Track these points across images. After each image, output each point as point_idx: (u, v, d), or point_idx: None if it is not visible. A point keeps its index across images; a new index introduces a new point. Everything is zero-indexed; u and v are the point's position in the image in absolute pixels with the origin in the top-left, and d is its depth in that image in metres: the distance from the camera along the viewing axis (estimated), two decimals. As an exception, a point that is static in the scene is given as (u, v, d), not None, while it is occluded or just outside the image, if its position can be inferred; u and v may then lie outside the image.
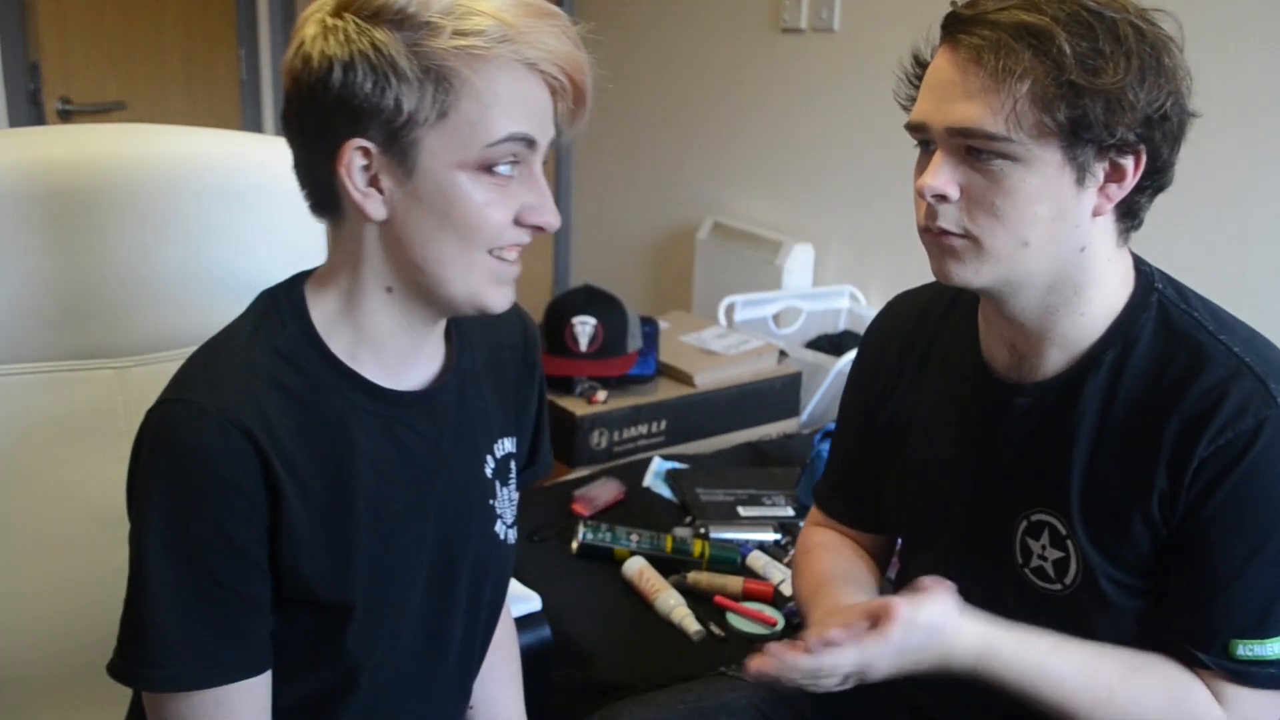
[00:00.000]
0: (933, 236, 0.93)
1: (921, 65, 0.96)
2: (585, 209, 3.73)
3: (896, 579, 1.25)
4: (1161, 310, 0.95)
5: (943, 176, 0.90)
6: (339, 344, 0.88)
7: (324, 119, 0.79)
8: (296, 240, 1.22)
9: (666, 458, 2.14)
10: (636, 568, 1.67)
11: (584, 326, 2.23)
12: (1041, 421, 0.99)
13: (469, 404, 0.97)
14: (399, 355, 0.90)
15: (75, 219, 1.08)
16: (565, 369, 2.24)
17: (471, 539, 0.98)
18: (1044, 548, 0.98)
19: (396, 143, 0.79)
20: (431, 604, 0.95)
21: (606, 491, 1.96)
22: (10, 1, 2.72)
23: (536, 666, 1.28)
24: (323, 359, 0.87)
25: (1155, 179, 0.92)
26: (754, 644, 1.51)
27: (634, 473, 2.07)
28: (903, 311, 1.17)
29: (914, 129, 0.94)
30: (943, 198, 0.90)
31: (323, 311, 0.88)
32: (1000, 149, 0.87)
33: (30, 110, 2.79)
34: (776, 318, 2.74)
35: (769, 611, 1.57)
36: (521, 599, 1.32)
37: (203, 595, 0.81)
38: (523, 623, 1.29)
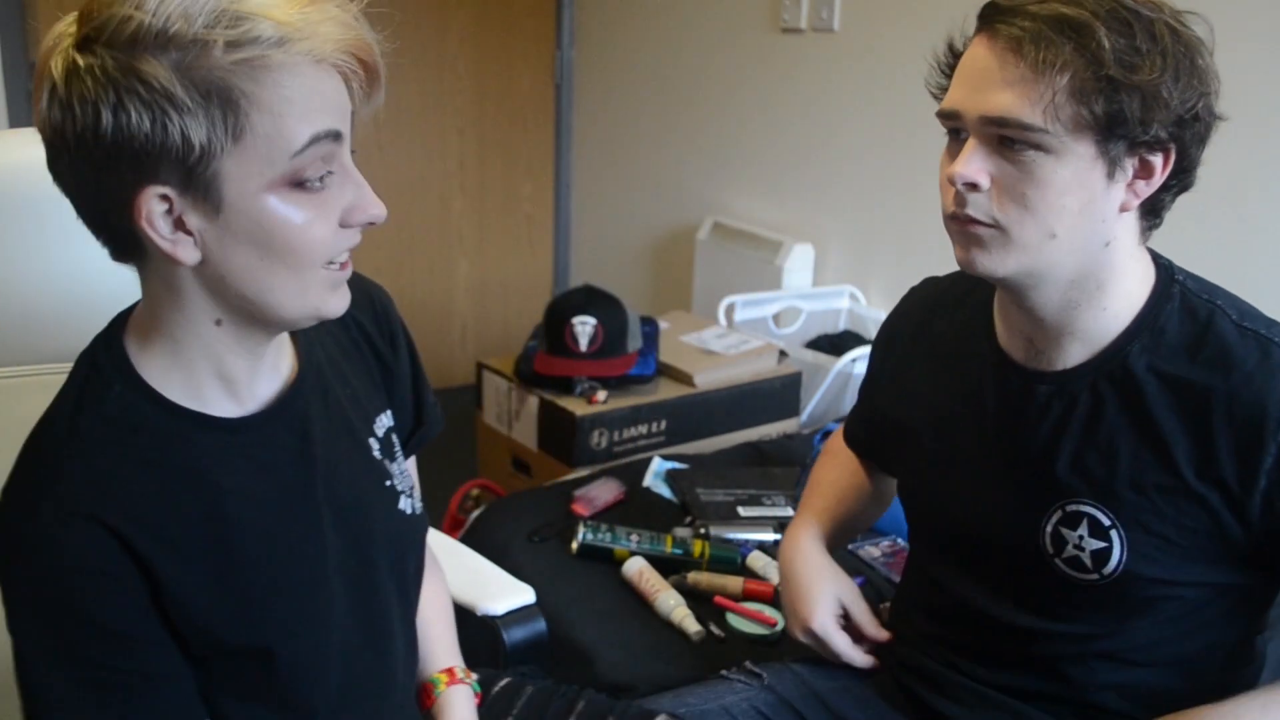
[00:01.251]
0: (959, 224, 0.94)
1: (955, 54, 0.96)
2: (585, 209, 3.73)
3: (907, 566, 1.25)
4: (1184, 300, 0.97)
5: (974, 165, 0.90)
6: (176, 389, 0.81)
7: (104, 170, 0.71)
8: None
9: (666, 458, 2.13)
10: (636, 568, 1.67)
11: (584, 326, 2.23)
12: (1069, 411, 0.99)
13: (332, 395, 0.92)
14: (243, 378, 0.84)
15: (69, 220, 1.07)
16: (565, 369, 2.24)
17: (378, 528, 0.94)
18: (1081, 538, 0.98)
19: (195, 180, 0.71)
20: (361, 605, 0.92)
21: (606, 491, 1.96)
22: (10, 1, 2.72)
23: (532, 662, 1.27)
24: (161, 410, 0.80)
25: (1181, 178, 0.93)
26: (754, 644, 1.51)
27: (634, 473, 2.07)
28: (919, 298, 1.19)
29: (946, 116, 0.94)
30: (973, 186, 0.91)
31: (151, 361, 0.81)
32: (1035, 140, 0.87)
33: (30, 110, 2.79)
34: (776, 318, 2.74)
35: (769, 612, 1.57)
36: (514, 591, 1.31)
37: (99, 687, 0.78)
38: (516, 616, 1.29)
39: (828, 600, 1.17)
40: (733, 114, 3.06)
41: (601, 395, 2.22)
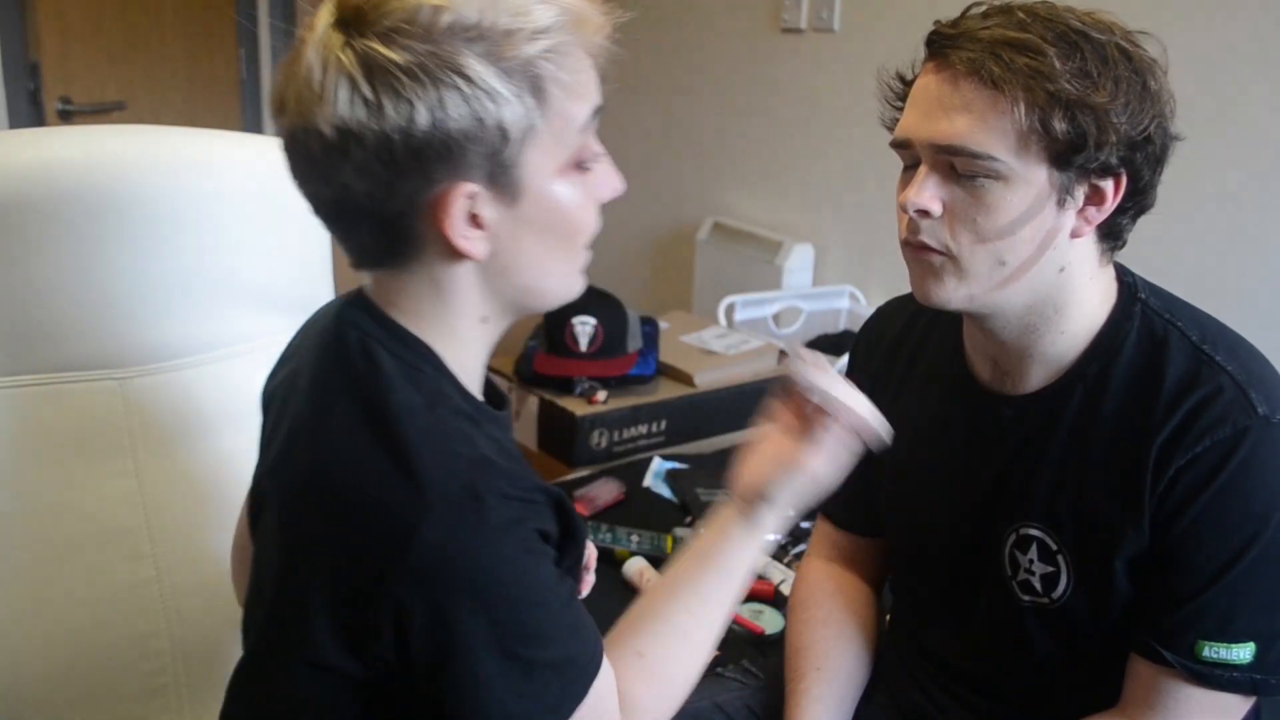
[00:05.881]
0: (913, 250, 0.92)
1: (906, 84, 0.95)
2: (585, 209, 3.73)
3: (893, 582, 1.25)
4: (1145, 321, 0.94)
5: (926, 193, 0.89)
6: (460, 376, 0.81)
7: (407, 170, 0.69)
8: (300, 245, 1.20)
9: (666, 458, 2.14)
10: (636, 568, 1.67)
11: (584, 326, 2.23)
12: (1028, 435, 0.98)
13: None
14: (478, 375, 0.83)
15: (73, 224, 1.05)
16: (565, 369, 2.24)
17: None
18: (1031, 562, 0.97)
19: (500, 170, 0.72)
20: None
21: (606, 491, 1.96)
22: (10, 1, 2.72)
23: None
24: (459, 393, 0.79)
25: (1137, 200, 0.91)
26: (753, 644, 1.52)
27: (634, 473, 2.08)
28: (889, 318, 1.17)
29: (899, 145, 0.93)
30: (925, 213, 0.89)
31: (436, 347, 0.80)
32: (985, 168, 0.86)
33: (30, 110, 2.79)
34: (776, 318, 2.74)
35: (769, 612, 1.57)
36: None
37: (560, 585, 0.79)
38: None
39: None
40: (733, 114, 3.06)
41: (601, 395, 2.23)
